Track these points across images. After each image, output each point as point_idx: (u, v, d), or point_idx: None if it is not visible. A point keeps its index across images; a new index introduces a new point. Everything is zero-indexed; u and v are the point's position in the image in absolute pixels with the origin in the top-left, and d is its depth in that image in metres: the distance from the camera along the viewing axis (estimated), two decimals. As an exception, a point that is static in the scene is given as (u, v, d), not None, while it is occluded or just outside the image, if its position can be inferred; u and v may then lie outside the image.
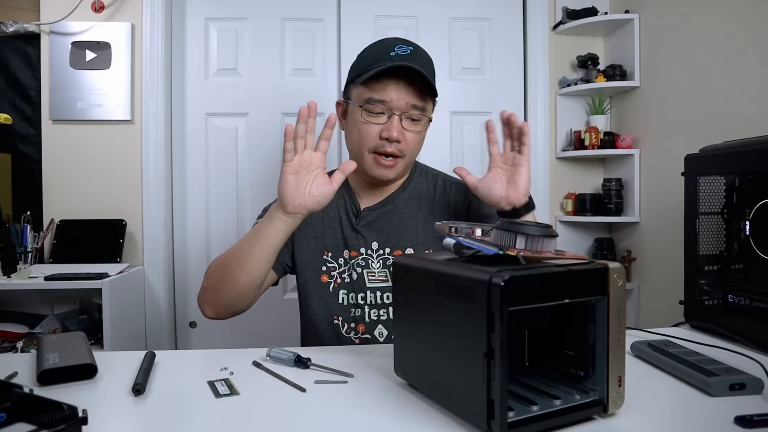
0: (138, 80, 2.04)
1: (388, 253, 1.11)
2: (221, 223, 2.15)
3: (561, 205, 2.25)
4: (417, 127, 1.07)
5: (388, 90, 1.03)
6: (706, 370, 0.71)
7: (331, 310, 1.10)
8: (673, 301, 1.15)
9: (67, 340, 0.84)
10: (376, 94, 1.03)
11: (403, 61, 1.01)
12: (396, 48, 1.04)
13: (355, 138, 1.08)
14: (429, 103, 1.08)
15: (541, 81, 2.21)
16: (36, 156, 2.04)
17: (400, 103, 1.03)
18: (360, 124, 1.06)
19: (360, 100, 1.06)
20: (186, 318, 2.16)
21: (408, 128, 1.06)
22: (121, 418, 0.63)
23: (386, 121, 1.04)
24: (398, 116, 1.04)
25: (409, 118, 1.05)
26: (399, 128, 1.04)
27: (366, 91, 1.04)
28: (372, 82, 1.03)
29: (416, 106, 1.05)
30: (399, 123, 1.04)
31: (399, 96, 1.03)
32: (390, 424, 0.60)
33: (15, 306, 1.94)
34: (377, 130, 1.05)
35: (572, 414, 0.58)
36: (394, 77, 1.02)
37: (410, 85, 1.03)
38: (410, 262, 0.68)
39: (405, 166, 1.10)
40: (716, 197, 1.04)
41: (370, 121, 1.05)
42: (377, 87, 1.03)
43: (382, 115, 1.04)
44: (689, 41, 1.79)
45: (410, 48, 1.05)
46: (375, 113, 1.04)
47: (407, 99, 1.03)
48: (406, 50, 1.04)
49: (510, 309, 0.52)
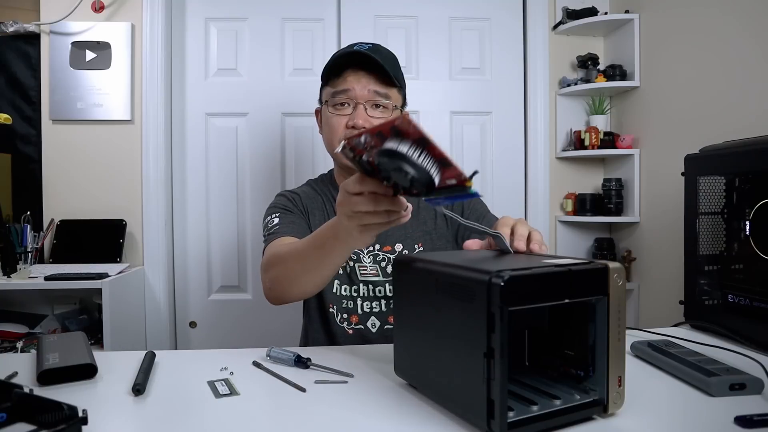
0: (138, 80, 2.04)
1: (378, 249, 1.13)
2: (221, 223, 2.15)
3: (561, 205, 2.25)
4: (384, 115, 1.10)
5: (349, 80, 1.08)
6: (706, 370, 0.71)
7: (326, 298, 1.12)
8: (673, 301, 1.15)
9: (67, 340, 0.84)
10: (338, 87, 1.09)
11: (358, 51, 1.07)
12: (355, 46, 1.10)
13: (326, 134, 1.14)
14: (393, 91, 1.11)
15: (541, 81, 2.21)
16: (36, 156, 2.04)
17: (363, 92, 1.08)
18: (329, 119, 1.11)
19: (327, 97, 1.12)
20: (186, 318, 2.16)
21: (374, 116, 1.09)
22: (121, 418, 0.63)
23: (352, 112, 1.09)
24: (362, 104, 1.08)
25: (374, 105, 1.09)
26: (364, 116, 1.08)
27: (331, 88, 1.11)
28: (334, 78, 1.10)
29: (379, 92, 1.09)
30: (364, 111, 1.08)
31: (360, 85, 1.08)
32: (390, 424, 0.60)
33: (15, 306, 1.94)
34: (344, 121, 1.09)
35: (572, 414, 0.58)
36: (353, 69, 1.08)
37: (370, 74, 1.08)
38: (410, 262, 0.68)
39: None
40: (716, 197, 1.04)
41: (336, 113, 1.10)
42: (338, 81, 1.09)
43: (348, 107, 1.09)
44: (689, 41, 1.79)
45: (369, 45, 1.10)
46: (340, 105, 1.09)
47: (369, 87, 1.08)
48: (363, 46, 1.09)
49: (510, 309, 0.52)
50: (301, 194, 1.19)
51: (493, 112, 2.23)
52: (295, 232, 1.06)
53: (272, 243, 1.04)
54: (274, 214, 1.12)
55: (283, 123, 2.16)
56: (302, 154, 2.17)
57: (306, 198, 1.18)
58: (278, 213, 1.11)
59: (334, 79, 1.10)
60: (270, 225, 1.10)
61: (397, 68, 1.13)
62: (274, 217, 1.10)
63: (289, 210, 1.13)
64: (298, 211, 1.14)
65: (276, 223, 1.09)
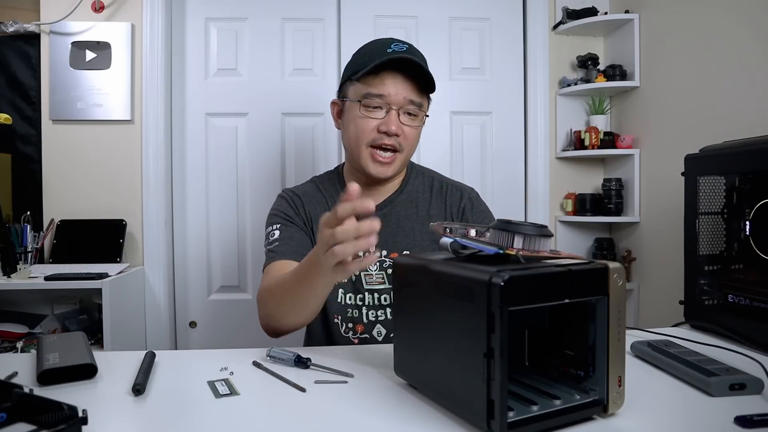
0: (138, 80, 2.04)
1: (385, 255, 1.11)
2: (221, 223, 2.15)
3: (561, 205, 2.25)
4: (414, 123, 1.08)
5: (386, 84, 1.04)
6: (706, 370, 0.71)
7: (331, 309, 1.10)
8: (673, 301, 1.15)
9: (67, 340, 0.84)
10: (374, 89, 1.04)
11: (400, 56, 1.03)
12: (392, 45, 1.06)
13: (352, 133, 1.09)
14: (425, 100, 1.09)
15: (541, 81, 2.21)
16: (36, 156, 2.04)
17: (398, 98, 1.05)
18: (357, 119, 1.07)
19: (358, 95, 1.07)
20: (186, 318, 2.16)
21: (406, 123, 1.07)
22: (121, 418, 0.63)
23: (384, 116, 1.05)
24: (396, 111, 1.05)
25: (406, 113, 1.07)
26: (397, 122, 1.05)
27: (363, 87, 1.06)
28: (370, 78, 1.05)
29: (413, 101, 1.06)
30: (397, 117, 1.05)
31: (397, 90, 1.04)
32: (390, 424, 0.60)
33: (15, 306, 1.94)
34: (375, 124, 1.06)
35: (572, 414, 0.58)
36: (391, 72, 1.04)
37: (408, 80, 1.05)
38: (410, 262, 0.68)
39: (402, 163, 1.11)
40: (716, 197, 1.04)
41: (368, 116, 1.06)
42: (375, 82, 1.05)
43: (380, 110, 1.06)
44: (689, 41, 1.79)
45: (406, 46, 1.07)
46: (373, 108, 1.06)
47: (405, 93, 1.05)
48: (402, 47, 1.06)
49: (510, 309, 0.52)
50: (304, 197, 1.16)
51: (493, 112, 2.23)
52: (294, 252, 1.05)
53: (269, 269, 1.04)
54: (275, 225, 1.11)
55: (283, 123, 2.16)
56: (302, 154, 2.17)
57: (309, 201, 1.15)
58: (279, 225, 1.10)
59: (369, 77, 1.04)
60: (271, 239, 1.09)
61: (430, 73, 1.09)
62: (275, 229, 1.09)
63: (290, 219, 1.12)
64: (299, 219, 1.13)
65: (276, 238, 1.08)
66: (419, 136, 1.12)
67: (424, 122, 1.12)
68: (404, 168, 1.17)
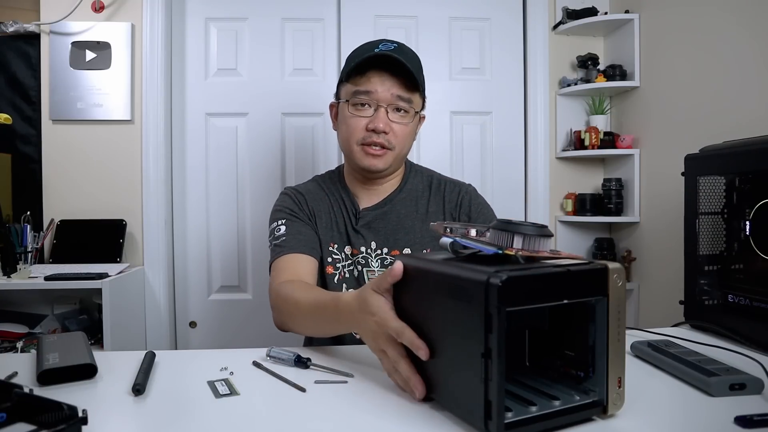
0: (138, 80, 2.04)
1: (386, 253, 1.12)
2: (221, 222, 2.15)
3: (561, 205, 2.25)
4: (404, 120, 1.09)
5: (373, 81, 1.06)
6: (706, 370, 0.71)
7: None
8: (673, 301, 1.15)
9: (67, 340, 0.84)
10: (361, 87, 1.06)
11: (385, 53, 1.04)
12: (380, 45, 1.07)
13: (343, 132, 1.11)
14: (415, 96, 1.10)
15: (541, 81, 2.21)
16: (36, 156, 2.04)
17: (386, 95, 1.06)
18: (348, 119, 1.08)
19: (347, 95, 1.09)
20: (186, 318, 2.16)
21: (395, 120, 1.07)
22: (121, 418, 0.63)
23: (373, 114, 1.07)
24: (384, 108, 1.06)
25: (395, 110, 1.07)
26: (385, 119, 1.06)
27: (352, 86, 1.08)
28: (357, 77, 1.07)
29: (402, 97, 1.07)
30: (385, 115, 1.06)
31: (383, 87, 1.05)
32: (390, 424, 0.60)
33: (15, 306, 1.94)
34: (364, 123, 1.07)
35: (571, 415, 0.58)
36: (377, 70, 1.05)
37: (394, 77, 1.06)
38: (408, 262, 0.68)
39: (395, 159, 1.11)
40: (716, 197, 1.03)
41: (357, 114, 1.07)
42: (362, 80, 1.06)
43: (369, 108, 1.07)
44: (689, 41, 1.79)
45: (395, 45, 1.08)
46: (361, 106, 1.07)
47: (392, 90, 1.06)
48: (390, 46, 1.07)
49: (508, 309, 0.52)
50: (307, 194, 1.17)
51: (493, 112, 2.23)
52: (302, 246, 1.06)
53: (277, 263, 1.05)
54: (280, 220, 1.11)
55: (283, 123, 2.16)
56: (302, 154, 2.17)
57: (312, 199, 1.16)
58: (284, 220, 1.11)
59: (356, 77, 1.07)
60: (277, 233, 1.09)
61: (421, 71, 1.11)
62: (281, 224, 1.10)
63: (295, 215, 1.12)
64: (304, 215, 1.13)
65: (283, 233, 1.08)
66: (412, 134, 1.12)
67: (417, 120, 1.12)
68: (400, 165, 1.17)
